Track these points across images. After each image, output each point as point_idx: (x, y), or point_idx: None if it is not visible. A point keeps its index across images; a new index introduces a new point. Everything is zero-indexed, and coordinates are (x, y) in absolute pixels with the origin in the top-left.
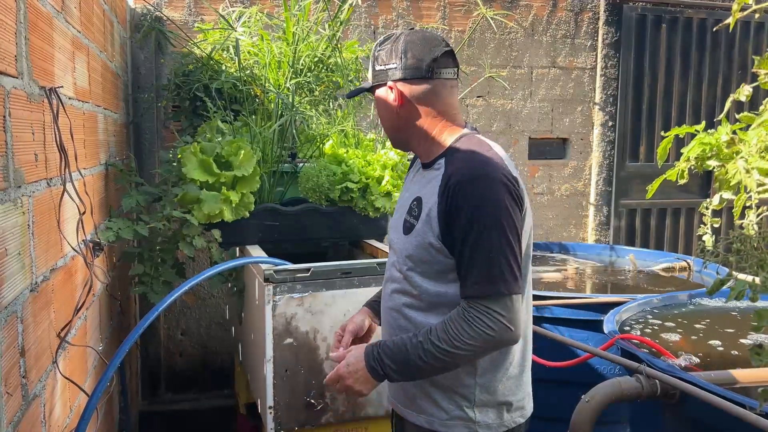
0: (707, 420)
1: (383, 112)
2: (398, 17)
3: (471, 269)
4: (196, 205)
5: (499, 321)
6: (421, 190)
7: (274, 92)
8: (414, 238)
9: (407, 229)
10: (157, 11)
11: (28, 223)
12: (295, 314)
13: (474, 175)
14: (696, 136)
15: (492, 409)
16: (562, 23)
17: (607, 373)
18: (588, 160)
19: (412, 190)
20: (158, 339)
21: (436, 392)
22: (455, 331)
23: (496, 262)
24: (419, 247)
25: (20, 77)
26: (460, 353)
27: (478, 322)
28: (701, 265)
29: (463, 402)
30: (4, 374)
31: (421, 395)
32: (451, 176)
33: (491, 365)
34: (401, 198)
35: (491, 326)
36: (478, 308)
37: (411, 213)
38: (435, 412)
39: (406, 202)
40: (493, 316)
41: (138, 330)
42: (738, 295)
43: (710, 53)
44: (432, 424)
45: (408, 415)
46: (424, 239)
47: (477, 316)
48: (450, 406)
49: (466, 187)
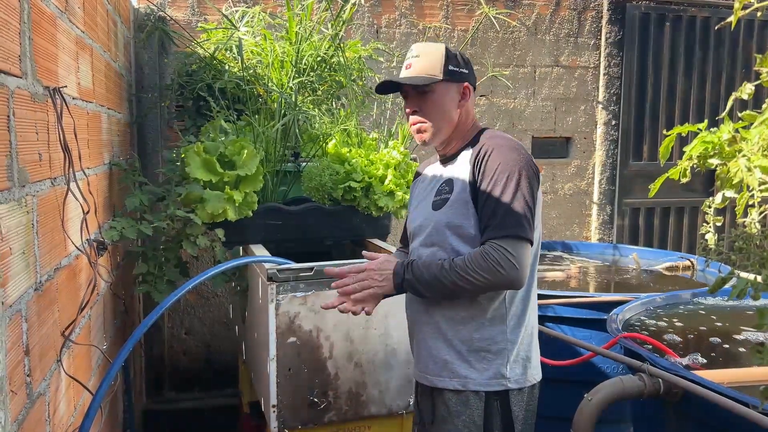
0: (710, 419)
1: (448, 106)
2: (401, 16)
3: (493, 217)
4: (200, 205)
5: (509, 260)
6: (450, 174)
7: (277, 92)
8: (449, 208)
9: (439, 205)
10: (160, 11)
11: (33, 222)
12: (298, 313)
13: (499, 144)
14: (698, 134)
15: (518, 365)
16: (565, 22)
17: (610, 372)
18: (591, 159)
19: (437, 179)
20: (162, 338)
21: (471, 354)
22: (472, 263)
23: (512, 210)
24: (456, 213)
25: (24, 77)
26: (473, 281)
27: (491, 259)
28: (704, 264)
29: (496, 359)
30: (8, 373)
31: (455, 360)
32: (481, 149)
33: (517, 322)
34: (417, 196)
35: (501, 263)
36: (494, 246)
37: (441, 193)
38: (469, 373)
39: (431, 190)
40: (504, 254)
41: (142, 329)
42: (740, 294)
43: (714, 52)
44: (466, 386)
45: (440, 383)
46: (460, 202)
47: (491, 252)
48: (484, 365)
49: (493, 152)
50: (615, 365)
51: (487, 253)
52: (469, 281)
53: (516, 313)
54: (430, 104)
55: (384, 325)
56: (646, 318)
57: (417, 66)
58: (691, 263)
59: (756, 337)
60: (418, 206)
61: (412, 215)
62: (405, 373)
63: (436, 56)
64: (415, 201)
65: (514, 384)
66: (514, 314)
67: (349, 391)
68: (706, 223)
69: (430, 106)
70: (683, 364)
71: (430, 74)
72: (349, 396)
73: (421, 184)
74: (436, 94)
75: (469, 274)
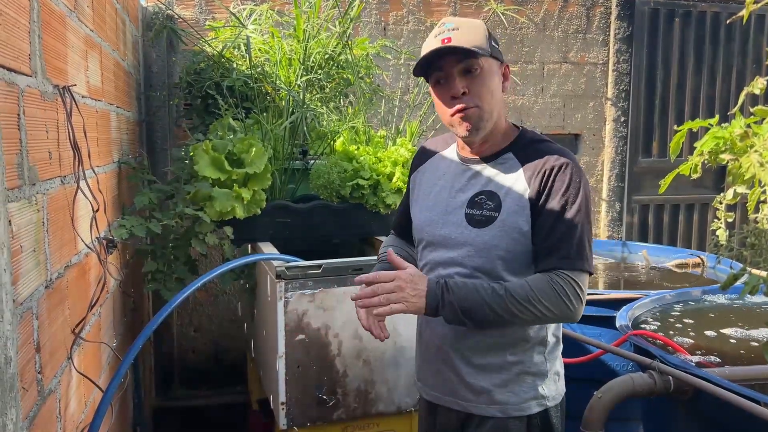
0: (721, 417)
1: (497, 88)
2: (408, 13)
3: (561, 244)
4: (208, 203)
5: (578, 294)
6: (493, 184)
7: (285, 89)
8: (499, 230)
9: (481, 222)
10: (168, 9)
11: (43, 220)
12: (307, 311)
13: (565, 162)
14: (709, 130)
15: (553, 381)
16: (573, 18)
17: (619, 370)
18: (600, 156)
19: (469, 183)
20: (171, 335)
21: (511, 380)
22: (538, 291)
23: (583, 241)
24: (507, 238)
25: (34, 76)
26: (536, 311)
27: (561, 291)
28: (715, 261)
29: (537, 380)
30: (20, 370)
31: (493, 387)
32: (545, 164)
33: (556, 342)
34: (430, 192)
35: (571, 297)
36: (565, 278)
37: (481, 206)
38: (509, 398)
39: (456, 192)
40: (574, 288)
41: (151, 326)
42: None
43: (724, 47)
44: (506, 412)
45: (475, 409)
46: (514, 227)
47: (562, 285)
48: (524, 387)
49: (562, 170)
50: (625, 363)
51: (557, 283)
52: (531, 312)
53: (555, 333)
54: (480, 83)
55: (392, 322)
56: (656, 315)
57: (462, 37)
58: (701, 260)
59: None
60: (435, 207)
61: (424, 214)
62: (413, 371)
63: (480, 29)
64: (424, 194)
65: (552, 402)
66: (553, 333)
67: (358, 389)
68: (717, 219)
69: (480, 85)
70: (694, 361)
71: (480, 46)
72: (357, 393)
73: (432, 174)
74: (485, 71)
75: (533, 304)
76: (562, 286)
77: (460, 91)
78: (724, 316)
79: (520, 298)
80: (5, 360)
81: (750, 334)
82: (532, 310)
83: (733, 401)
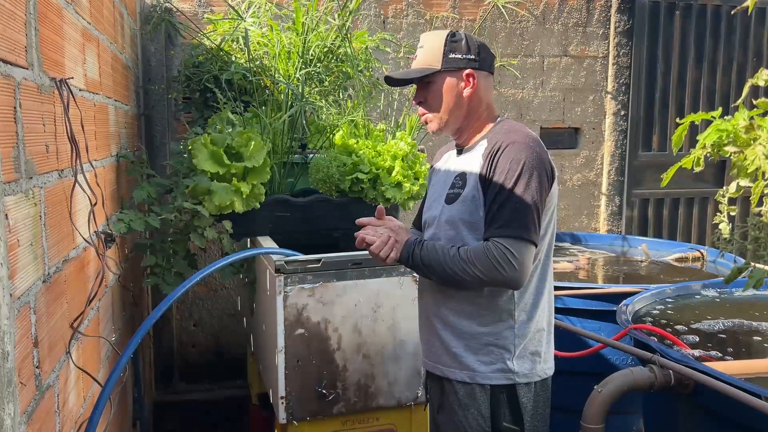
0: (722, 410)
1: (449, 98)
2: (408, 6)
3: (499, 214)
4: (207, 197)
5: (509, 259)
6: (464, 167)
7: (284, 83)
8: (462, 204)
9: (452, 198)
10: (166, 2)
11: (40, 214)
12: (307, 305)
13: (514, 140)
14: (712, 123)
15: (527, 359)
16: (573, 11)
17: (620, 364)
18: (600, 150)
19: (451, 171)
20: (171, 330)
21: (478, 348)
22: (474, 256)
23: (520, 211)
24: (468, 209)
25: (30, 68)
26: (470, 273)
27: (493, 257)
28: (718, 254)
29: (504, 353)
30: (17, 364)
31: (464, 352)
32: (494, 144)
33: (526, 317)
34: (434, 185)
35: (501, 262)
36: (497, 245)
37: (455, 186)
38: (477, 366)
39: (445, 181)
40: (504, 254)
41: (150, 320)
42: (756, 284)
43: (725, 40)
44: (474, 378)
45: (450, 374)
46: (472, 200)
47: (494, 252)
48: (491, 358)
49: (507, 148)
50: (625, 357)
51: (489, 249)
52: (467, 273)
53: (525, 309)
54: (432, 95)
55: (392, 317)
56: (656, 309)
57: (420, 57)
58: (701, 254)
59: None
60: (434, 196)
61: (427, 203)
62: (413, 364)
63: (436, 45)
64: (431, 189)
65: (522, 378)
66: (522, 309)
67: (358, 383)
68: (720, 213)
69: (431, 97)
70: (694, 355)
71: (429, 65)
72: (357, 387)
73: (438, 173)
74: (436, 84)
75: (468, 266)
76: (494, 254)
77: (418, 101)
78: (725, 310)
79: (461, 261)
80: (3, 354)
81: (751, 328)
82: (470, 273)
83: (734, 395)
